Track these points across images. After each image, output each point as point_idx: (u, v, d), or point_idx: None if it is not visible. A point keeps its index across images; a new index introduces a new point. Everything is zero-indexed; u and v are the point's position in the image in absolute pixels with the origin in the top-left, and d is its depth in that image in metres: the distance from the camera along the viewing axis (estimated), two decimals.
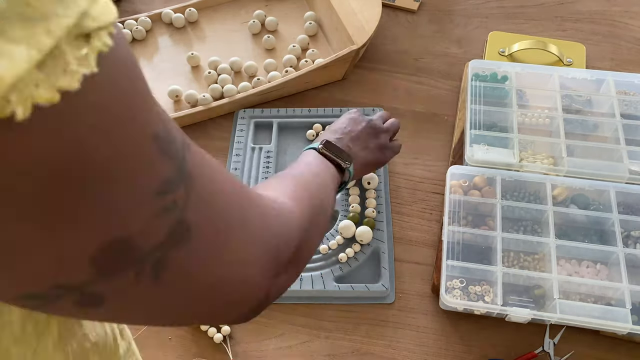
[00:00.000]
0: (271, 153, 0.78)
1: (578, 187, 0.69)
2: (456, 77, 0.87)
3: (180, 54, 0.90)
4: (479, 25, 0.95)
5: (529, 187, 0.70)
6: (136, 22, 0.92)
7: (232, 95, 0.82)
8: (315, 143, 0.57)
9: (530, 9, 0.97)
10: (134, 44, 0.92)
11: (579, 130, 0.75)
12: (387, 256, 0.68)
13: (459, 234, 0.66)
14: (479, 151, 0.71)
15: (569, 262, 0.65)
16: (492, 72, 0.80)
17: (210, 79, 0.85)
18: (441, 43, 0.93)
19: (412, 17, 0.96)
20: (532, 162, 0.71)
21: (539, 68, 0.80)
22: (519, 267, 0.65)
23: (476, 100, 0.76)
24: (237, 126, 0.81)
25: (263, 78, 0.84)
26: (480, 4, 0.98)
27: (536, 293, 0.63)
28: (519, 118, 0.75)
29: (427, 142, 0.80)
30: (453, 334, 0.64)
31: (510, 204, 0.68)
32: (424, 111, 0.84)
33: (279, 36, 0.92)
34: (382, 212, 0.72)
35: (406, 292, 0.67)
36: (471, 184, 0.70)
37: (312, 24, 0.90)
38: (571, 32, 0.93)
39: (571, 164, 0.69)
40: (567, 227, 0.67)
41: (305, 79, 0.83)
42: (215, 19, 0.95)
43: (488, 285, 0.63)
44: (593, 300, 0.62)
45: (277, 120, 0.81)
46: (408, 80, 0.88)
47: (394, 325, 0.65)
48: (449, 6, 0.98)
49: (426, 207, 0.74)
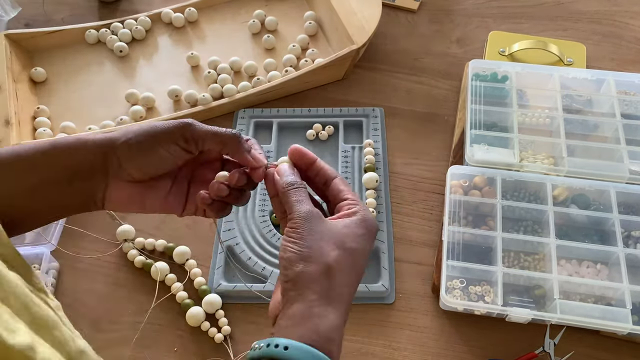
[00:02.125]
0: (271, 153, 0.78)
1: (578, 187, 0.69)
2: (456, 77, 0.87)
3: (180, 54, 0.90)
4: (479, 25, 0.95)
5: (530, 187, 0.70)
6: (136, 22, 0.92)
7: (231, 95, 0.82)
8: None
9: (530, 9, 0.97)
10: (133, 44, 0.92)
11: (579, 130, 0.75)
12: (387, 256, 0.68)
13: (459, 234, 0.66)
14: (479, 151, 0.71)
15: (570, 262, 0.65)
16: (493, 72, 0.80)
17: (210, 78, 0.85)
18: (441, 43, 0.92)
19: (412, 17, 0.96)
20: (533, 162, 0.71)
21: (539, 68, 0.80)
22: (519, 267, 0.64)
23: (476, 100, 0.76)
24: (237, 126, 0.81)
25: (263, 78, 0.84)
26: (481, 3, 0.98)
27: (536, 293, 0.63)
28: (519, 118, 0.75)
29: (427, 142, 0.80)
30: (453, 334, 0.64)
31: (511, 204, 0.67)
32: (424, 111, 0.84)
33: (278, 36, 0.92)
34: (382, 212, 0.72)
35: (406, 292, 0.67)
36: (471, 184, 0.70)
37: (312, 23, 0.90)
38: (572, 31, 0.93)
39: (571, 164, 0.69)
40: (567, 227, 0.67)
41: (305, 79, 0.83)
42: (215, 18, 0.95)
43: (488, 285, 0.63)
44: (593, 300, 0.62)
45: (277, 120, 0.81)
46: (408, 80, 0.88)
47: (394, 325, 0.65)
48: (449, 6, 0.98)
49: (426, 207, 0.74)
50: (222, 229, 0.71)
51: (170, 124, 0.43)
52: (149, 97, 0.83)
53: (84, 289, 0.69)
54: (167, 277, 0.68)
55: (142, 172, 0.43)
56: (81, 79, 0.88)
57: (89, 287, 0.69)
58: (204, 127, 0.43)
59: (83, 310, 0.67)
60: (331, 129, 0.80)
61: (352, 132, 0.81)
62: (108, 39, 0.90)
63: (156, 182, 0.45)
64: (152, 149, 0.42)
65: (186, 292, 0.67)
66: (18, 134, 0.76)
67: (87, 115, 0.83)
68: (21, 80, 0.84)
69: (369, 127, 0.80)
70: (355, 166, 0.76)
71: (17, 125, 0.77)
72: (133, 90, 0.83)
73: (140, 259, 0.69)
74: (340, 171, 0.75)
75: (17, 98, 0.80)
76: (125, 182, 0.43)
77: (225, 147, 0.44)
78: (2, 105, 0.77)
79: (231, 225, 0.71)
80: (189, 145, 0.43)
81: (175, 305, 0.67)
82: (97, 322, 0.66)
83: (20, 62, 0.86)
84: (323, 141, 0.80)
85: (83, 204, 0.44)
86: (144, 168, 0.43)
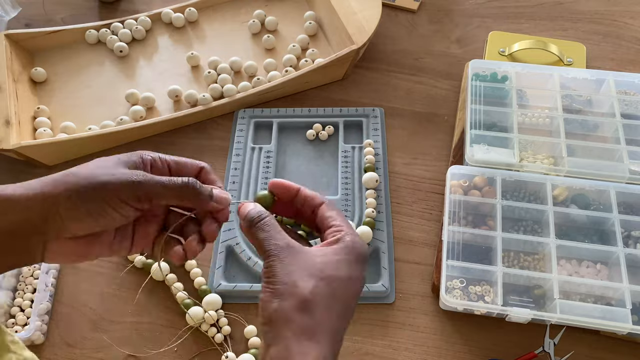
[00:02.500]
0: (271, 153, 0.78)
1: (578, 187, 0.69)
2: (456, 77, 0.87)
3: (180, 54, 0.90)
4: (479, 25, 0.95)
5: (529, 187, 0.70)
6: (136, 22, 0.92)
7: (232, 95, 0.82)
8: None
9: (530, 9, 0.97)
10: (133, 44, 0.92)
11: (579, 130, 0.75)
12: (387, 256, 0.68)
13: (459, 234, 0.66)
14: (479, 151, 0.71)
15: (569, 262, 0.65)
16: (492, 72, 0.80)
17: (210, 78, 0.85)
18: (441, 43, 0.92)
19: (412, 17, 0.96)
20: (533, 162, 0.71)
21: (539, 68, 0.80)
22: (519, 267, 0.65)
23: (476, 100, 0.76)
24: (237, 126, 0.81)
25: (263, 78, 0.84)
26: (481, 4, 0.98)
27: (536, 293, 0.63)
28: (519, 118, 0.75)
29: (427, 142, 0.80)
30: (453, 334, 0.64)
31: (511, 204, 0.67)
32: (423, 111, 0.84)
33: (278, 36, 0.92)
34: (382, 212, 0.72)
35: (406, 292, 0.67)
36: (471, 184, 0.70)
37: (312, 23, 0.90)
38: (571, 31, 0.93)
39: (571, 164, 0.69)
40: (567, 227, 0.67)
41: (305, 79, 0.83)
42: (215, 18, 0.95)
43: (488, 285, 0.63)
44: (593, 300, 0.62)
45: (277, 120, 0.81)
46: (408, 80, 0.88)
47: (394, 325, 0.65)
48: (449, 6, 0.98)
49: (426, 207, 0.74)
50: (223, 229, 0.71)
51: (119, 183, 0.38)
52: (149, 97, 0.83)
53: (84, 289, 0.69)
54: (168, 277, 0.68)
55: (87, 230, 0.39)
56: (81, 79, 0.88)
57: (90, 288, 0.69)
58: (155, 181, 0.39)
59: (83, 310, 0.67)
60: (331, 129, 0.80)
61: (352, 132, 0.81)
62: (108, 39, 0.90)
63: (100, 234, 0.41)
64: (101, 210, 0.38)
65: (186, 292, 0.67)
66: (18, 134, 0.76)
67: (87, 115, 0.83)
68: (21, 80, 0.84)
69: (369, 127, 0.80)
70: (355, 166, 0.76)
71: (18, 126, 0.77)
72: (133, 90, 0.83)
73: (140, 259, 0.69)
74: (340, 171, 0.75)
75: (17, 98, 0.80)
76: (67, 239, 0.39)
77: (184, 200, 0.41)
78: (3, 106, 0.77)
79: (231, 225, 0.71)
80: (141, 204, 0.39)
81: (175, 305, 0.67)
82: (98, 322, 0.66)
83: (20, 62, 0.86)
84: (323, 141, 0.80)
85: (17, 263, 0.39)
86: (90, 228, 0.39)
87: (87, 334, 0.65)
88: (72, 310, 0.67)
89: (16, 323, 0.65)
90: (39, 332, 0.64)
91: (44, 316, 0.66)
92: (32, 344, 0.65)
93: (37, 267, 0.68)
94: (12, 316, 0.66)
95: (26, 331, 0.63)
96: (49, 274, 0.68)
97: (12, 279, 0.68)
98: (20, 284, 0.68)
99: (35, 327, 0.63)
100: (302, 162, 0.78)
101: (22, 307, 0.67)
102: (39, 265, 0.68)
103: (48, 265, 0.68)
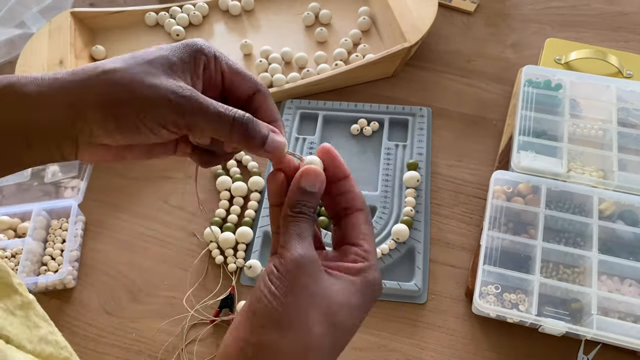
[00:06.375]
0: (314, 144, 0.79)
1: (627, 203, 0.66)
2: (508, 82, 0.86)
3: (234, 41, 0.92)
4: (537, 31, 0.92)
5: (575, 198, 0.68)
6: (194, 7, 0.95)
7: (280, 85, 0.83)
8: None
9: (591, 18, 0.94)
10: (190, 29, 0.94)
11: (633, 145, 0.72)
12: (422, 256, 0.68)
13: (498, 239, 0.65)
14: (526, 158, 0.70)
15: (611, 279, 0.63)
16: (546, 79, 0.78)
17: (260, 67, 0.86)
18: (496, 46, 0.91)
19: (467, 19, 0.95)
20: (581, 174, 0.69)
21: (596, 78, 0.78)
22: (557, 278, 0.63)
23: (527, 106, 0.75)
24: (283, 115, 0.82)
25: (312, 70, 0.85)
26: (540, 9, 0.96)
27: (573, 306, 0.61)
28: (570, 128, 0.73)
29: (472, 145, 0.79)
30: (483, 340, 0.63)
31: (554, 214, 0.66)
32: (472, 114, 0.83)
33: (331, 29, 0.93)
34: (420, 212, 0.72)
35: (439, 294, 0.67)
36: (515, 191, 0.69)
37: (365, 19, 0.90)
38: (633, 43, 0.90)
39: (621, 179, 0.67)
40: (611, 243, 0.65)
41: (354, 74, 0.83)
42: (270, 9, 0.97)
43: (523, 294, 0.62)
44: (633, 319, 0.60)
45: (323, 112, 0.82)
46: (458, 81, 0.87)
47: (424, 325, 0.64)
48: (507, 10, 0.96)
49: (467, 210, 0.73)
50: (261, 214, 0.72)
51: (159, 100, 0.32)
52: None
53: (124, 261, 0.71)
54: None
55: (120, 143, 0.35)
56: None
57: (130, 259, 0.71)
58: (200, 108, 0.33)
59: (119, 278, 0.70)
60: (376, 125, 0.80)
61: (397, 130, 0.81)
62: (166, 22, 0.93)
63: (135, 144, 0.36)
64: (135, 129, 0.33)
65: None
66: None
67: None
68: (82, 57, 0.87)
69: (414, 126, 0.80)
70: (397, 164, 0.76)
71: None
72: None
73: None
74: (382, 169, 0.75)
75: None
76: (99, 145, 0.35)
77: (230, 140, 0.34)
78: None
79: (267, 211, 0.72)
80: (180, 131, 0.34)
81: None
82: (135, 293, 0.68)
83: (82, 40, 0.89)
84: (367, 137, 0.80)
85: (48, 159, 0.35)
86: (123, 142, 0.35)
87: (122, 303, 0.68)
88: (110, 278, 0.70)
89: (48, 269, 0.70)
90: (70, 277, 0.69)
91: (74, 263, 0.71)
92: (64, 287, 0.70)
93: (65, 220, 0.74)
94: (44, 264, 0.70)
95: (59, 273, 0.68)
96: (77, 225, 0.73)
97: (42, 231, 0.73)
98: (50, 235, 0.73)
99: (67, 271, 0.68)
100: (344, 156, 0.78)
101: (53, 255, 0.71)
102: (67, 219, 0.74)
103: (75, 218, 0.73)
